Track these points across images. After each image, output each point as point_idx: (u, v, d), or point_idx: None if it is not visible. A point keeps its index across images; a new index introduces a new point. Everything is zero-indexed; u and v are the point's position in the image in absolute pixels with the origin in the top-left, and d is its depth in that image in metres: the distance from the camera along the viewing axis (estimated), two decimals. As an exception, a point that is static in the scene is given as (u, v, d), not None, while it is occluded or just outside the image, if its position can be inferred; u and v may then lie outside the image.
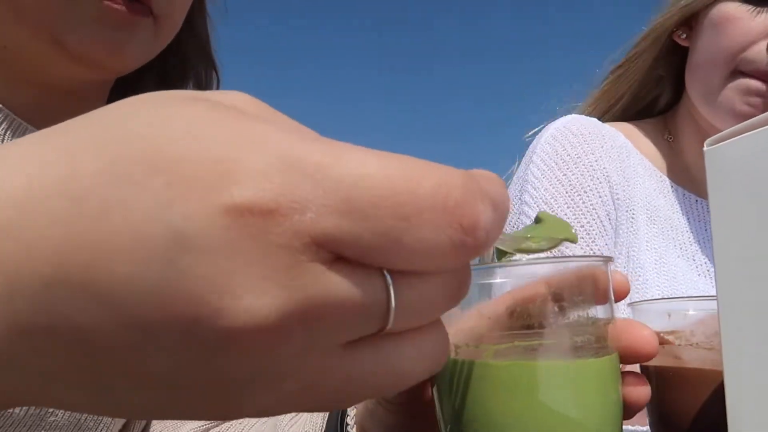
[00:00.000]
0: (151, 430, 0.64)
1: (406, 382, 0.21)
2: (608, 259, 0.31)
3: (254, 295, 0.17)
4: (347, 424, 0.44)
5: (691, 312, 0.37)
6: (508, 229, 0.83)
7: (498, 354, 0.29)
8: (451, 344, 0.30)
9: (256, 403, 0.19)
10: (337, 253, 0.18)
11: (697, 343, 0.36)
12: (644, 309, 0.39)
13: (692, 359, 0.36)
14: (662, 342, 0.37)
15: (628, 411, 0.32)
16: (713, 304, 0.29)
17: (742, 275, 0.26)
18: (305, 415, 0.50)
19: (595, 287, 0.30)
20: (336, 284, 0.18)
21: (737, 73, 0.79)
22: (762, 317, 0.26)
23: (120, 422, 0.61)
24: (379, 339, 0.20)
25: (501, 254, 0.31)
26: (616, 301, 0.32)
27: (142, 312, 0.17)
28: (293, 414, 0.50)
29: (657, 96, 0.96)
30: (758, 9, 0.77)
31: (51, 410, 0.54)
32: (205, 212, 0.17)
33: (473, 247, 0.19)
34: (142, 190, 0.17)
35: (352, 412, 0.45)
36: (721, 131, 0.27)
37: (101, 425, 0.58)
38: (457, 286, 0.20)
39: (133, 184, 0.17)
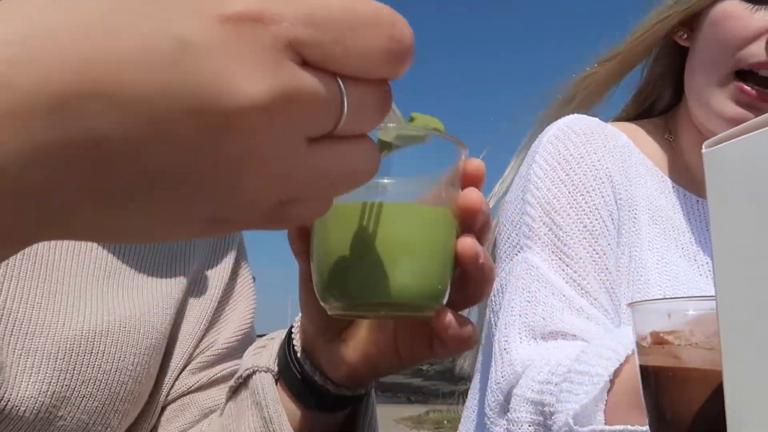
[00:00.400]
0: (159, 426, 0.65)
1: (357, 179, 0.27)
2: (462, 144, 0.40)
3: (249, 82, 0.22)
4: (294, 346, 0.50)
5: (691, 312, 0.37)
6: (511, 229, 0.82)
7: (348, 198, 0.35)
8: None
9: (243, 188, 0.24)
10: (303, 57, 0.23)
11: (696, 343, 0.36)
12: (644, 309, 0.39)
13: (692, 359, 0.36)
14: (662, 342, 0.37)
15: (461, 263, 0.40)
16: (713, 304, 0.29)
17: (741, 276, 0.26)
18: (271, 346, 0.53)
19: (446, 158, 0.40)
20: (307, 79, 0.23)
21: (733, 76, 0.79)
22: (761, 317, 0.26)
23: (126, 424, 0.61)
24: (334, 139, 0.26)
25: (384, 145, 0.37)
26: (471, 185, 0.41)
27: (154, 109, 0.21)
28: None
29: (659, 96, 0.96)
30: (757, 7, 0.78)
31: (60, 414, 0.55)
32: (204, 22, 0.21)
33: (399, 53, 0.25)
34: (144, 14, 0.21)
35: (296, 337, 0.50)
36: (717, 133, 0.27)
37: (108, 429, 0.59)
38: (384, 96, 0.27)
39: (135, 12, 0.21)
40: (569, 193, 0.79)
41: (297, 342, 0.50)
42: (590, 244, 0.78)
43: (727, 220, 0.26)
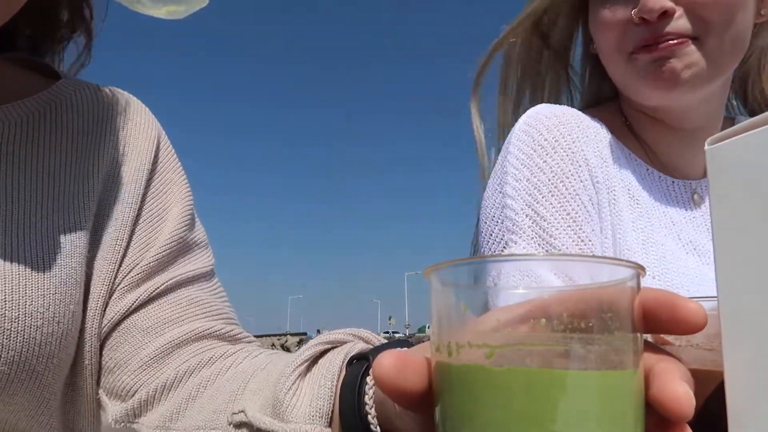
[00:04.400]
0: (104, 360, 0.63)
1: None
2: (639, 269, 0.29)
3: None
4: (366, 404, 0.43)
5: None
6: (493, 225, 0.80)
7: (499, 357, 0.28)
8: (453, 343, 0.29)
9: None
10: None
11: (697, 344, 0.36)
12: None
13: (692, 360, 0.36)
14: (662, 342, 0.37)
15: None
16: (714, 305, 0.29)
17: (744, 275, 0.26)
18: (307, 391, 0.48)
19: (624, 310, 0.29)
20: None
21: (630, 55, 0.82)
22: (763, 318, 0.26)
23: (62, 367, 0.60)
24: None
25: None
26: (687, 333, 0.29)
27: None
28: (294, 390, 0.48)
29: (603, 92, 0.98)
30: (610, 5, 0.83)
31: None
32: None
33: None
34: None
35: (370, 391, 0.43)
36: (649, 105, 0.26)
37: (36, 375, 0.57)
38: None
39: None
40: (549, 180, 0.78)
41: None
42: (575, 232, 0.76)
43: (729, 218, 0.26)
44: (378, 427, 0.42)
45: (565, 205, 0.77)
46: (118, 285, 0.64)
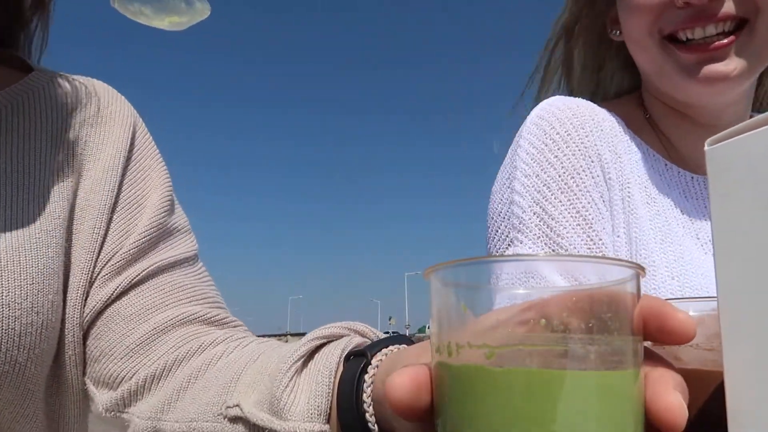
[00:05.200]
0: (92, 336, 0.63)
1: None
2: (639, 269, 0.29)
3: None
4: (364, 402, 0.43)
5: (691, 313, 0.37)
6: (500, 221, 0.78)
7: (499, 357, 0.28)
8: (453, 343, 0.29)
9: None
10: None
11: (697, 344, 0.36)
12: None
13: (692, 360, 0.36)
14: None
15: None
16: (714, 305, 0.29)
17: (744, 275, 0.26)
18: (304, 387, 0.48)
19: (623, 311, 0.29)
20: None
21: (662, 40, 0.78)
22: (763, 318, 0.26)
23: (44, 358, 0.60)
24: None
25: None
26: (676, 343, 0.30)
27: None
28: (291, 387, 0.48)
29: (619, 84, 0.94)
30: None
31: None
32: None
33: None
34: None
35: (368, 389, 0.43)
36: (683, 102, 0.26)
37: (18, 366, 0.57)
38: None
39: None
40: (559, 176, 0.75)
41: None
42: (584, 231, 0.73)
43: (729, 218, 0.26)
44: (376, 425, 0.42)
45: (575, 202, 0.74)
46: (98, 274, 0.64)
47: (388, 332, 0.51)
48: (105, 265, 0.64)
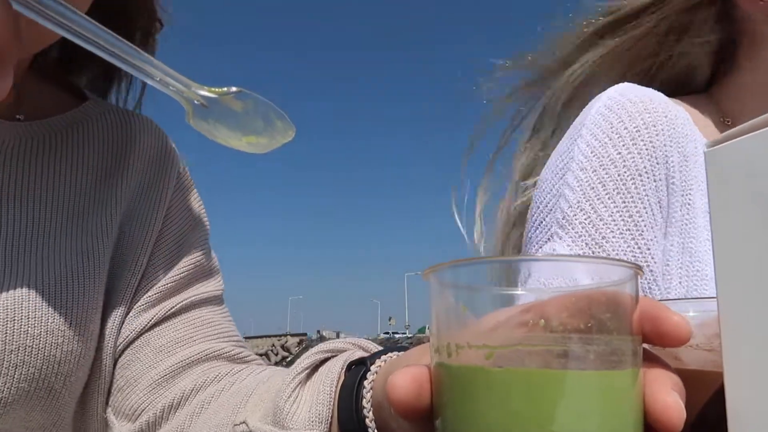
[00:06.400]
0: (115, 387, 0.63)
1: None
2: (637, 270, 0.29)
3: None
4: (363, 408, 0.43)
5: (691, 313, 0.37)
6: (545, 213, 0.72)
7: (498, 357, 0.28)
8: (452, 344, 0.29)
9: None
10: None
11: (697, 345, 0.36)
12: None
13: (692, 361, 0.36)
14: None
15: None
16: (714, 305, 0.29)
17: (743, 276, 0.26)
18: (306, 397, 0.48)
19: (622, 311, 0.28)
20: None
21: None
22: (763, 318, 0.26)
23: (77, 386, 0.60)
24: None
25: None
26: (670, 346, 0.30)
27: None
28: (294, 397, 0.48)
29: (690, 69, 0.83)
30: None
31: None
32: None
33: None
34: None
35: (368, 395, 0.43)
36: None
37: (53, 393, 0.57)
38: None
39: None
40: (619, 176, 0.67)
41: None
42: (633, 237, 0.67)
43: (728, 220, 0.26)
44: (376, 431, 0.42)
45: (630, 206, 0.67)
46: (134, 304, 0.65)
47: (388, 332, 0.51)
48: (142, 296, 0.65)
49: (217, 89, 0.49)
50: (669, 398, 0.28)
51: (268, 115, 0.52)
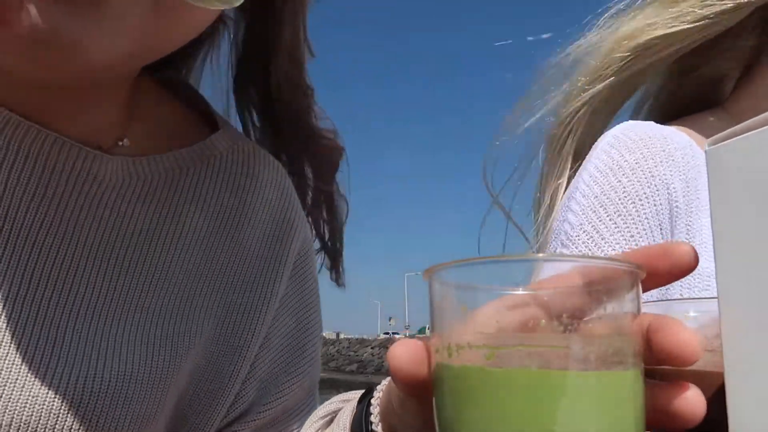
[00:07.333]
0: None
1: None
2: (638, 269, 0.29)
3: None
4: (371, 423, 0.40)
5: (692, 314, 0.37)
6: (552, 236, 0.75)
7: (499, 358, 0.28)
8: (453, 344, 0.29)
9: None
10: None
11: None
12: (644, 311, 0.39)
13: (693, 361, 0.36)
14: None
15: None
16: (714, 306, 0.29)
17: (744, 276, 0.26)
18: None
19: (623, 298, 0.29)
20: None
21: None
22: (763, 318, 0.26)
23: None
24: None
25: None
26: (681, 276, 0.31)
27: None
28: None
29: (718, 83, 0.85)
30: None
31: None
32: None
33: None
34: None
35: (375, 411, 0.41)
36: None
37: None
38: None
39: None
40: (619, 200, 0.72)
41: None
42: None
43: (729, 220, 0.26)
44: None
45: (631, 227, 0.71)
46: (222, 429, 0.53)
47: (387, 332, 0.50)
48: (233, 422, 0.53)
49: None
50: (682, 334, 0.29)
51: None
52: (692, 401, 0.29)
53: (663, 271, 0.31)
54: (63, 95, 0.48)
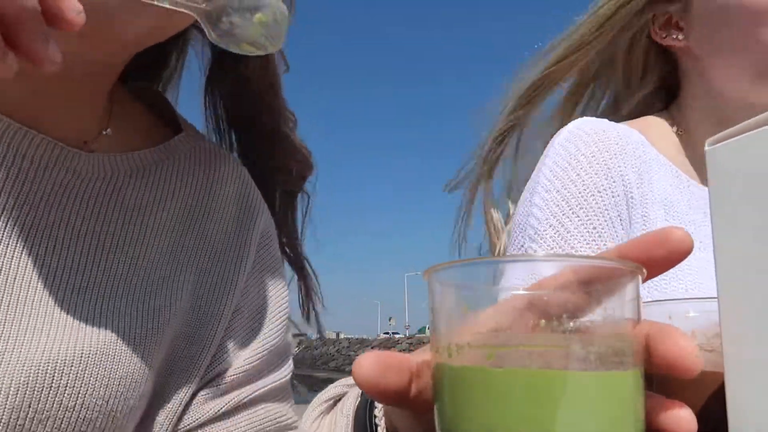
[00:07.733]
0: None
1: None
2: (638, 269, 0.29)
3: None
4: (375, 416, 0.42)
5: (691, 314, 0.37)
6: (518, 232, 0.80)
7: (499, 358, 0.28)
8: (453, 344, 0.29)
9: None
10: None
11: (697, 345, 0.36)
12: (644, 311, 0.39)
13: (693, 361, 0.36)
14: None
15: None
16: (714, 305, 0.29)
17: (743, 276, 0.26)
18: (326, 422, 0.47)
19: (624, 298, 0.29)
20: None
21: None
22: (763, 318, 0.26)
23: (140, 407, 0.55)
24: None
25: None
26: (678, 262, 0.31)
27: None
28: (318, 422, 0.47)
29: (650, 99, 0.94)
30: None
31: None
32: None
33: None
34: None
35: (379, 411, 0.42)
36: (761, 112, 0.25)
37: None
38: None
39: None
40: (579, 194, 0.76)
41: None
42: (598, 247, 0.75)
43: (728, 219, 0.26)
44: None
45: (593, 219, 0.75)
46: (200, 388, 0.59)
47: (387, 332, 0.51)
48: (210, 381, 0.59)
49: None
50: (682, 343, 0.28)
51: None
52: (684, 421, 0.29)
53: (660, 258, 0.31)
54: (50, 101, 0.55)
